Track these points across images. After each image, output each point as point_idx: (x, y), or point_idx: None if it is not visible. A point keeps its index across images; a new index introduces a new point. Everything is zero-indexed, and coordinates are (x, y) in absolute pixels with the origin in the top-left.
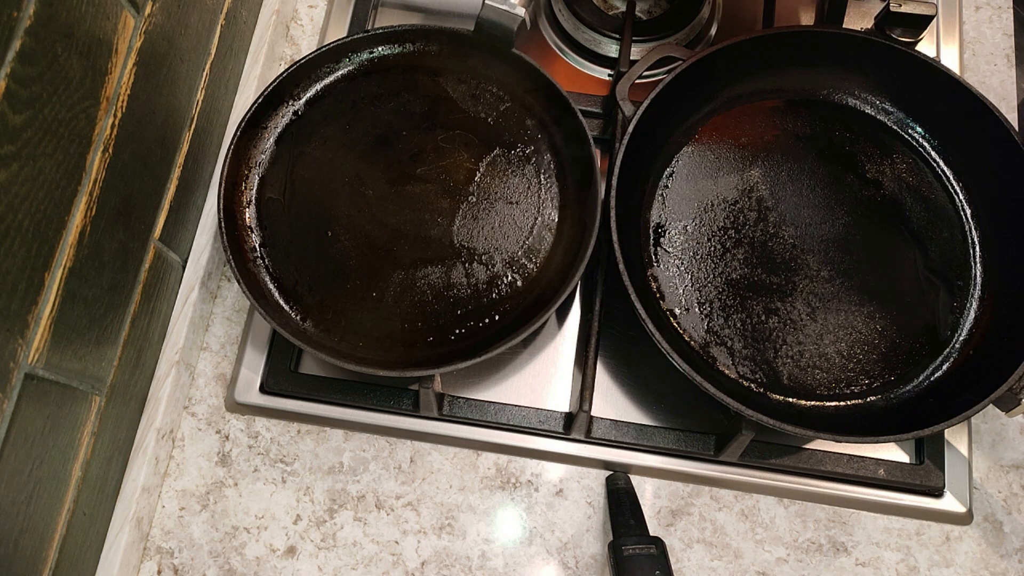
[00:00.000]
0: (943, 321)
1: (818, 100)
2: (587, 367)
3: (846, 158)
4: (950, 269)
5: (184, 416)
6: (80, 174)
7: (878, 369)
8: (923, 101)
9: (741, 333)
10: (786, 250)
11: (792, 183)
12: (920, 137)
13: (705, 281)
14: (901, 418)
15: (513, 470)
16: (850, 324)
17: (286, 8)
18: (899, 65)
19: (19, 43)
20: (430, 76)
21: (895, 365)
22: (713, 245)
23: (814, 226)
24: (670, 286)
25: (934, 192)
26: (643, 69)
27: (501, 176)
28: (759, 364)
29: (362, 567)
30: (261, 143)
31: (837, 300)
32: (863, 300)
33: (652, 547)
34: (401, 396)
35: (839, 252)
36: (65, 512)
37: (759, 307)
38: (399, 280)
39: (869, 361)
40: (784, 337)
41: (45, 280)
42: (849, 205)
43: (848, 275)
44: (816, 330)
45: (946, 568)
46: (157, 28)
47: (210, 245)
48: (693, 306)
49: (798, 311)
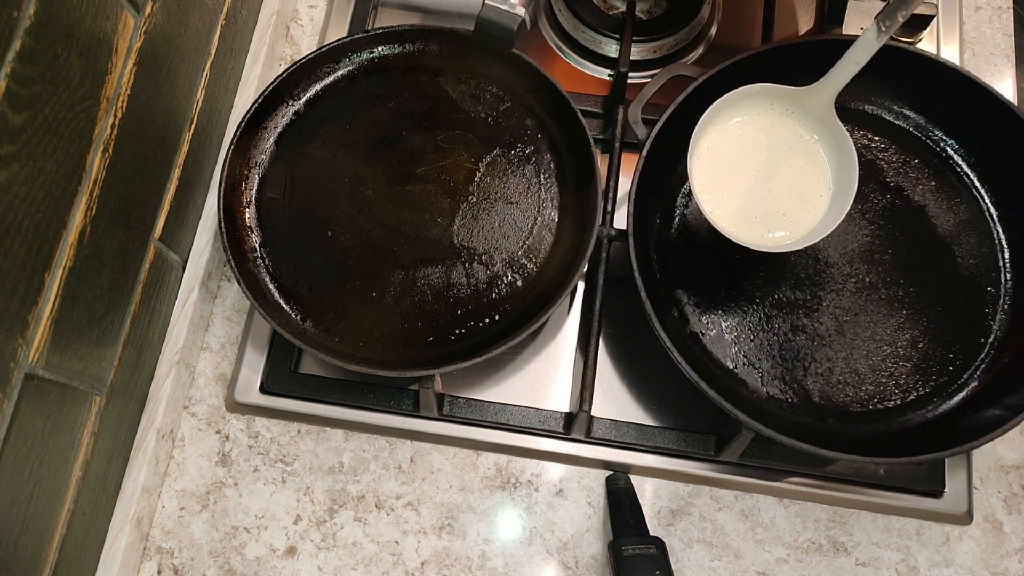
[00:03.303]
0: (975, 328)
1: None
2: (587, 367)
3: (866, 166)
4: (980, 274)
5: (184, 416)
6: (80, 174)
7: (911, 382)
8: (942, 104)
9: (769, 353)
10: (810, 264)
11: None
12: (941, 141)
13: (728, 300)
14: (939, 433)
15: (513, 470)
16: (880, 337)
17: (286, 8)
18: (915, 69)
19: (19, 43)
20: (430, 76)
21: (928, 376)
22: (736, 262)
23: (837, 237)
24: (693, 308)
25: (958, 196)
26: (653, 91)
27: (501, 176)
28: (789, 384)
29: (362, 567)
30: (261, 143)
31: (865, 313)
32: (892, 312)
33: (652, 547)
34: (401, 396)
35: (864, 263)
36: (65, 512)
37: (786, 325)
38: (399, 280)
39: (901, 374)
40: (813, 354)
41: (45, 280)
42: (872, 214)
43: (875, 287)
44: (845, 345)
45: (946, 568)
46: (157, 28)
47: (210, 245)
48: (720, 327)
49: (826, 326)
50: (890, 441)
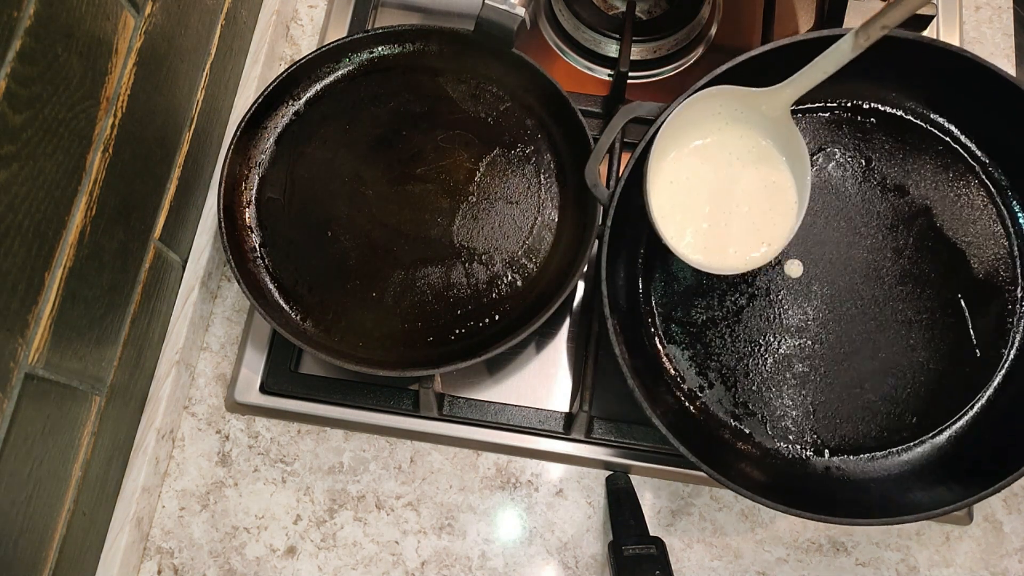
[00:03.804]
0: (993, 340)
1: (824, 107)
2: (587, 367)
3: (861, 165)
4: (995, 278)
5: (184, 416)
6: (80, 174)
7: (926, 407)
8: (947, 92)
9: (770, 396)
10: (802, 287)
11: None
12: (947, 129)
13: (721, 347)
14: (966, 463)
15: (513, 470)
16: (891, 362)
17: (286, 8)
18: (918, 57)
19: (19, 43)
20: (430, 76)
21: (945, 399)
22: (727, 305)
23: (836, 253)
24: (686, 365)
25: (968, 189)
26: (607, 145)
27: (501, 176)
28: (798, 425)
29: (362, 567)
30: (261, 143)
31: (871, 341)
32: (900, 332)
33: (652, 547)
34: (401, 396)
35: (866, 280)
36: (65, 512)
37: (785, 361)
38: (399, 280)
39: (916, 399)
40: (818, 392)
41: (45, 280)
42: (873, 221)
43: (879, 304)
44: (854, 376)
45: (946, 568)
46: (157, 28)
47: (210, 245)
48: (715, 380)
49: (830, 357)
50: (912, 478)
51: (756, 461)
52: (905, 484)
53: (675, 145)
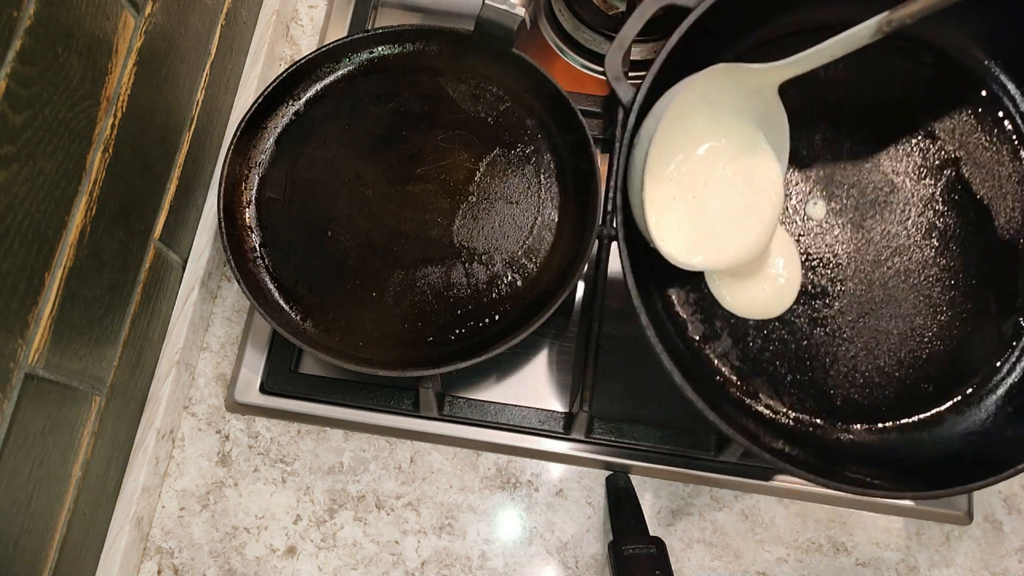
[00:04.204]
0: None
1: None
2: (587, 367)
3: (893, 105)
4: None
5: (184, 416)
6: (80, 174)
7: (946, 374)
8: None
9: (783, 356)
10: (825, 234)
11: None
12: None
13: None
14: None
15: (513, 470)
16: (909, 324)
17: (286, 8)
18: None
19: (19, 43)
20: (430, 76)
21: (968, 365)
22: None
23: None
24: (693, 310)
25: (1003, 145)
26: (637, 30)
27: (501, 176)
28: (807, 390)
29: (362, 567)
30: (261, 143)
31: (893, 299)
32: (923, 291)
33: (652, 547)
34: (401, 396)
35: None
36: (65, 512)
37: (802, 319)
38: (399, 280)
39: (935, 363)
40: (835, 352)
41: (45, 280)
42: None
43: (901, 254)
44: (870, 337)
45: (946, 568)
46: (157, 28)
47: (210, 245)
48: (723, 331)
49: (845, 318)
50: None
51: (766, 422)
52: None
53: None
